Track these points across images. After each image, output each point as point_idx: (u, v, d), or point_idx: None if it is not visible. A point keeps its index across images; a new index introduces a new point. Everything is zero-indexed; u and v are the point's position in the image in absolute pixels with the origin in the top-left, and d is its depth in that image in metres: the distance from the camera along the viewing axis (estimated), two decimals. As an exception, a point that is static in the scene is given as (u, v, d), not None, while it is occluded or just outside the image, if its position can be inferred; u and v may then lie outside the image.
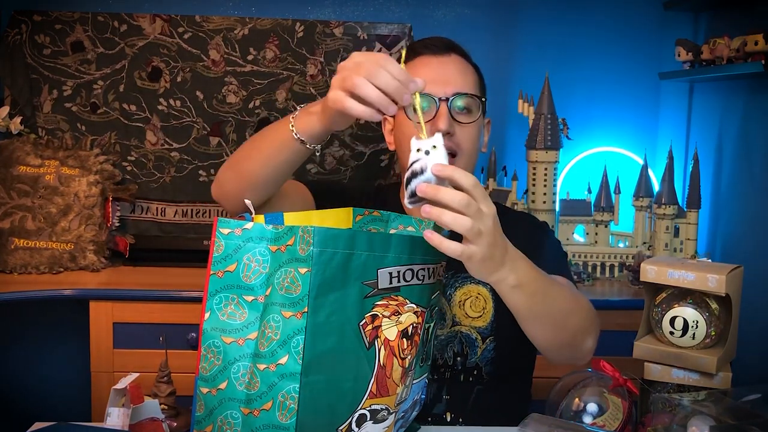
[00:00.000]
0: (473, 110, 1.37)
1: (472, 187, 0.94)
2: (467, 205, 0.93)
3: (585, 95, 2.54)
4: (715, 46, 2.05)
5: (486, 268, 1.00)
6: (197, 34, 2.39)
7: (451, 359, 1.38)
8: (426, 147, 0.95)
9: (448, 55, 1.39)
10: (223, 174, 1.27)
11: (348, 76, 0.99)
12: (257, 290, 1.00)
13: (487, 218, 0.96)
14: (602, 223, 2.36)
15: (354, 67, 0.99)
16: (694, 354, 1.29)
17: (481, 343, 1.38)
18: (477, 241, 0.95)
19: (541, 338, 1.16)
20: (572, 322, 1.18)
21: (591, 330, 1.23)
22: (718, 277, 1.24)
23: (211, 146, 2.43)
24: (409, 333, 1.03)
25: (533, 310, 1.10)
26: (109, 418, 1.13)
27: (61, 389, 2.49)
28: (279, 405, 0.96)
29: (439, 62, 1.37)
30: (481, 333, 1.38)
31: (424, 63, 1.38)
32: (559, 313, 1.15)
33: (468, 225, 0.93)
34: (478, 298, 1.39)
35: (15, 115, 2.34)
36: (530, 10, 2.53)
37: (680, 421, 1.15)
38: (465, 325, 1.38)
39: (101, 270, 2.24)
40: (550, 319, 1.14)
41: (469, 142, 1.36)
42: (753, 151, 2.11)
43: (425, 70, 1.36)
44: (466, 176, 0.94)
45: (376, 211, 1.22)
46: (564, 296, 1.17)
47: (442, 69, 1.37)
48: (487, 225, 0.95)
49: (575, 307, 1.19)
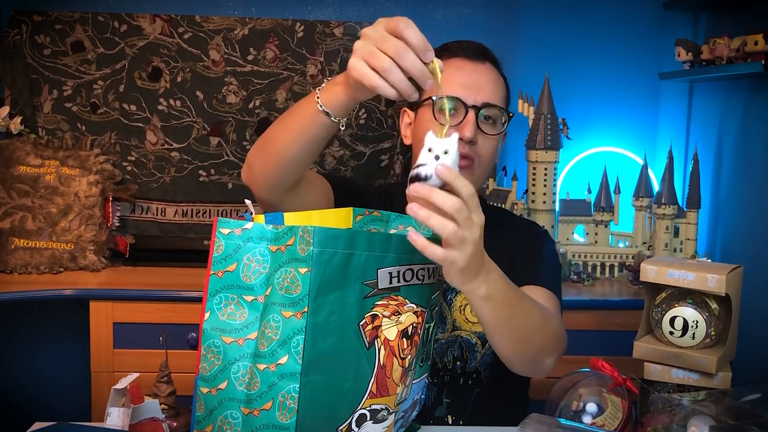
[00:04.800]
0: (499, 122, 1.36)
1: (469, 196, 0.92)
2: (459, 210, 0.91)
3: (585, 95, 2.54)
4: (715, 46, 2.05)
5: (463, 276, 0.98)
6: (197, 34, 2.39)
7: (451, 363, 1.38)
8: (438, 151, 0.92)
9: (483, 62, 1.38)
10: (253, 155, 1.24)
11: (374, 53, 0.94)
12: (257, 290, 1.00)
13: (476, 228, 0.94)
14: (602, 223, 2.36)
15: (380, 41, 0.95)
16: (694, 354, 1.29)
17: (481, 348, 1.38)
18: (460, 248, 0.93)
19: (503, 349, 1.15)
20: (535, 339, 1.16)
21: (553, 350, 1.21)
22: (718, 277, 1.24)
23: (211, 146, 2.43)
24: (409, 333, 1.03)
25: (499, 323, 1.09)
26: (109, 418, 1.13)
27: (61, 389, 2.49)
28: (279, 405, 0.96)
29: (473, 68, 1.37)
30: (481, 338, 1.38)
31: (458, 66, 1.36)
32: (523, 329, 1.13)
33: (453, 231, 0.91)
34: None
35: (15, 115, 2.34)
36: (530, 10, 2.53)
37: (680, 421, 1.15)
38: (465, 330, 1.38)
39: (101, 270, 2.24)
40: (514, 333, 1.12)
41: (489, 153, 1.36)
42: (753, 151, 2.11)
43: (459, 74, 1.35)
44: (465, 185, 0.92)
45: (376, 211, 1.22)
46: (532, 314, 1.15)
47: (476, 75, 1.36)
48: (474, 234, 0.94)
49: (540, 326, 1.17)
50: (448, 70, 1.32)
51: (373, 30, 0.96)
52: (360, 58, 0.96)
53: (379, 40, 0.95)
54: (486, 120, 1.35)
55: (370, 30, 0.97)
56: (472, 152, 1.33)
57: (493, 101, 1.34)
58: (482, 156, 1.35)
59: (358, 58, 0.96)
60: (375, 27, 0.96)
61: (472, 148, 1.32)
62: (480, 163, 1.35)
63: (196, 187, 2.42)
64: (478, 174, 1.36)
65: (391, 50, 0.94)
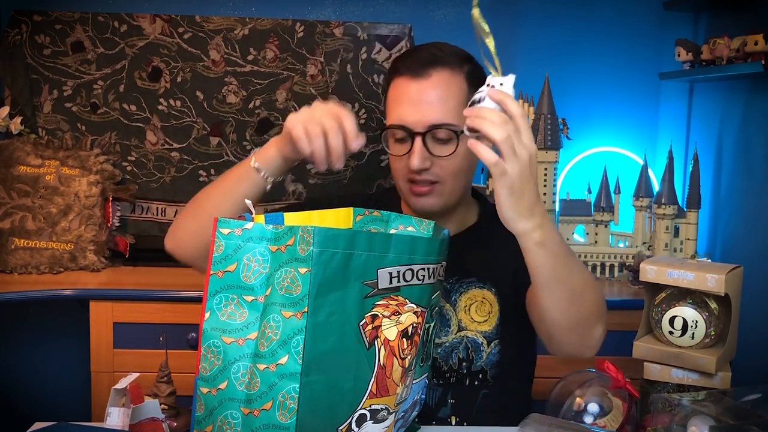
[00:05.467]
0: (452, 141, 1.28)
1: (519, 116, 0.99)
2: (505, 121, 0.97)
3: (585, 95, 2.54)
4: (715, 46, 2.05)
5: (515, 205, 1.02)
6: (197, 34, 2.39)
7: (456, 364, 1.37)
8: (494, 83, 1.02)
9: (428, 76, 1.29)
10: (179, 223, 1.31)
11: (314, 120, 1.10)
12: (257, 290, 1.00)
13: (524, 147, 0.99)
14: (602, 223, 2.36)
15: (322, 115, 1.10)
16: (694, 354, 1.29)
17: (487, 347, 1.37)
18: (510, 159, 0.98)
19: (556, 310, 1.13)
20: (586, 298, 1.14)
21: (600, 317, 1.19)
22: (718, 276, 1.24)
23: (211, 146, 2.43)
24: (409, 333, 1.03)
25: (554, 273, 1.08)
26: (109, 418, 1.13)
27: (61, 389, 2.49)
28: (279, 405, 0.96)
29: (417, 88, 1.29)
30: (487, 337, 1.37)
31: (402, 87, 1.30)
32: (577, 285, 1.12)
33: (503, 135, 0.97)
34: (483, 303, 1.38)
35: (15, 115, 2.34)
36: (530, 10, 2.53)
37: (680, 421, 1.15)
38: (471, 330, 1.37)
39: (101, 270, 2.24)
40: (568, 287, 1.11)
41: (451, 171, 1.31)
42: (753, 151, 2.11)
43: (403, 97, 1.30)
44: (515, 106, 0.98)
45: (376, 211, 1.22)
46: (582, 272, 1.15)
47: (419, 97, 1.28)
48: (522, 153, 0.98)
49: (590, 285, 1.16)
50: (393, 94, 1.32)
51: (322, 105, 1.12)
52: (301, 120, 1.11)
53: (322, 115, 1.10)
54: (438, 141, 1.29)
55: (319, 104, 1.12)
56: (431, 176, 1.30)
57: (441, 120, 1.27)
58: (444, 176, 1.31)
59: (300, 119, 1.11)
60: (325, 104, 1.12)
61: (429, 173, 1.30)
62: (444, 182, 1.31)
63: (196, 187, 2.38)
64: (448, 192, 1.33)
65: (327, 125, 1.09)
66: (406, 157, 1.30)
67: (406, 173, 1.32)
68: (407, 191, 1.34)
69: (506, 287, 1.38)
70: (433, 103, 1.28)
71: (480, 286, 1.38)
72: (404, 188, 1.35)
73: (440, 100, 1.29)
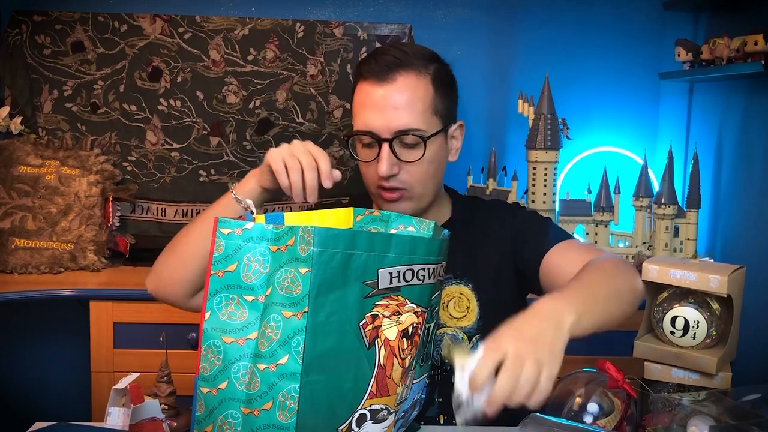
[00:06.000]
0: (419, 146, 1.28)
1: (481, 378, 0.91)
2: (491, 381, 0.91)
3: (585, 95, 2.54)
4: (715, 46, 2.05)
5: (541, 342, 0.95)
6: (197, 35, 2.39)
7: (440, 362, 1.37)
8: (462, 377, 0.93)
9: (392, 80, 1.26)
10: (162, 263, 1.31)
11: (293, 156, 1.16)
12: (257, 290, 1.00)
13: (509, 374, 0.91)
14: (602, 223, 2.36)
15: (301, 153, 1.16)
16: (695, 354, 1.29)
17: (468, 343, 1.38)
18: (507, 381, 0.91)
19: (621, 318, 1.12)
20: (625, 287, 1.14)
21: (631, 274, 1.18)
22: (720, 277, 1.24)
23: (211, 146, 2.43)
24: (409, 333, 1.03)
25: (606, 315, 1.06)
26: (109, 418, 1.13)
27: (61, 389, 2.49)
28: (279, 405, 0.96)
29: (382, 93, 1.26)
30: (467, 332, 1.37)
31: (367, 92, 1.28)
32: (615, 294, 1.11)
33: (505, 389, 0.90)
34: (461, 299, 1.37)
35: (15, 115, 2.34)
36: (530, 10, 2.53)
37: (680, 421, 1.15)
38: (450, 327, 1.37)
39: (101, 270, 2.24)
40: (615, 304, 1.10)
41: (418, 176, 1.30)
42: (753, 150, 2.11)
43: (367, 103, 1.28)
44: (481, 370, 0.91)
45: (376, 211, 1.22)
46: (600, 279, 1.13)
47: (384, 102, 1.26)
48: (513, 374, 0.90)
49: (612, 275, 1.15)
50: (359, 99, 1.31)
51: (301, 144, 1.18)
52: (281, 154, 1.17)
53: (301, 153, 1.16)
54: (405, 146, 1.28)
55: (298, 142, 1.18)
56: (398, 183, 1.30)
57: (408, 126, 1.26)
58: (412, 182, 1.30)
59: (280, 154, 1.17)
60: (304, 144, 1.18)
61: (397, 179, 1.29)
62: (411, 189, 1.31)
63: (196, 187, 2.42)
64: (418, 196, 1.32)
65: (304, 162, 1.15)
66: (374, 162, 1.30)
67: (376, 179, 1.31)
68: (378, 196, 1.34)
69: (485, 282, 1.38)
70: (399, 108, 1.26)
71: (456, 282, 1.38)
72: (375, 193, 1.35)
73: (406, 104, 1.26)
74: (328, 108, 2.45)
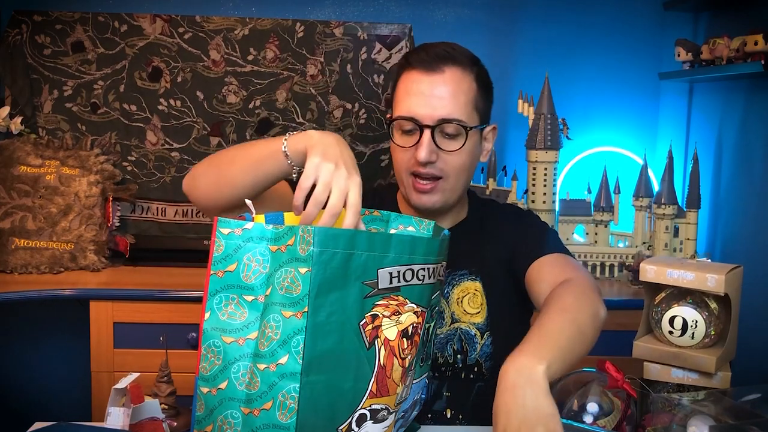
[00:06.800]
0: (460, 137, 1.32)
1: None
2: None
3: (585, 95, 2.54)
4: (714, 46, 2.05)
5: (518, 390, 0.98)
6: (197, 35, 2.39)
7: (452, 357, 1.38)
8: None
9: (440, 71, 1.31)
10: (203, 170, 1.27)
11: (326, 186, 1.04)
12: (257, 290, 1.00)
13: None
14: (602, 223, 2.36)
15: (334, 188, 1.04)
16: (694, 353, 1.29)
17: (480, 339, 1.39)
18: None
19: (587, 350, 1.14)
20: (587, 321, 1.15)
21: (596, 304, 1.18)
22: (717, 276, 1.24)
23: (211, 146, 2.43)
24: (409, 333, 1.03)
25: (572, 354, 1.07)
26: (110, 417, 1.13)
27: (61, 389, 2.49)
28: (279, 405, 0.96)
29: (429, 81, 1.31)
30: (480, 329, 1.39)
31: (413, 80, 1.32)
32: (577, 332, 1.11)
33: None
34: (475, 294, 1.40)
35: (15, 115, 2.34)
36: (530, 10, 2.53)
37: (680, 420, 1.15)
38: (464, 322, 1.39)
39: (101, 270, 2.24)
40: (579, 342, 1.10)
41: (455, 167, 1.33)
42: (753, 151, 2.11)
43: (414, 90, 1.31)
44: None
45: (376, 211, 1.22)
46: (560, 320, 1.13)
47: (430, 91, 1.30)
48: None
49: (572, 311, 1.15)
50: (404, 86, 1.33)
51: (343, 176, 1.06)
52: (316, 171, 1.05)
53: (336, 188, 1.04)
54: (445, 136, 1.31)
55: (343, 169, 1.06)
56: (435, 170, 1.32)
57: (451, 115, 1.30)
58: (448, 171, 1.33)
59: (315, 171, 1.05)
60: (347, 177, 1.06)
61: (434, 166, 1.31)
62: (447, 178, 1.33)
63: (196, 187, 2.42)
64: (450, 188, 1.35)
65: (332, 203, 1.04)
66: (411, 149, 1.32)
67: (411, 165, 1.33)
68: (409, 185, 1.35)
69: (493, 279, 1.40)
70: (444, 98, 1.30)
71: (471, 278, 1.40)
72: (407, 182, 1.36)
73: (451, 95, 1.31)
74: (328, 108, 2.45)
